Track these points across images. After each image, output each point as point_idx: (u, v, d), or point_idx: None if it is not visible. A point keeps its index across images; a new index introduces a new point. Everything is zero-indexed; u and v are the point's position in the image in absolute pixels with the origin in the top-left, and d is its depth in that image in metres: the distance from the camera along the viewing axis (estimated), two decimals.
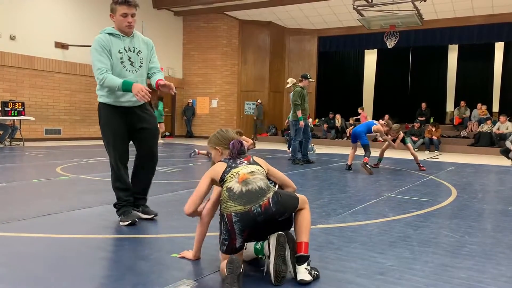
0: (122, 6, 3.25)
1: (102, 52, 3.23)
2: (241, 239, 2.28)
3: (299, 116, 8.38)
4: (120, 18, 3.27)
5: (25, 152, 9.57)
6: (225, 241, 2.29)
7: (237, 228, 2.23)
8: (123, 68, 3.31)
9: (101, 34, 3.31)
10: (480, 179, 6.94)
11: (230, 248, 2.27)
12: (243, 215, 2.22)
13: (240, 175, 2.34)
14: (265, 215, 2.23)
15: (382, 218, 3.78)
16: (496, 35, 15.92)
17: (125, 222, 3.34)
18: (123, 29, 3.31)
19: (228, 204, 2.27)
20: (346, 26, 17.88)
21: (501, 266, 2.58)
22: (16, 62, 12.48)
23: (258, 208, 2.22)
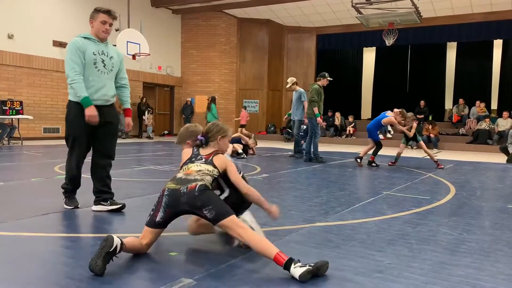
0: (104, 14, 3.65)
1: (76, 54, 3.52)
2: (163, 215, 2.54)
3: (316, 112, 8.50)
4: (99, 25, 3.64)
5: (23, 151, 9.56)
6: (151, 211, 2.60)
7: (164, 202, 2.54)
8: (95, 69, 3.61)
9: (77, 37, 3.62)
10: (479, 177, 6.95)
11: (152, 221, 2.56)
12: (172, 191, 2.54)
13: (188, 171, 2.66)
14: (188, 197, 2.49)
15: (380, 216, 3.78)
16: (494, 33, 15.93)
17: (69, 206, 3.76)
18: (100, 34, 3.67)
19: (168, 182, 2.63)
20: (345, 24, 17.87)
21: (499, 263, 2.59)
22: (14, 61, 12.46)
23: (184, 189, 2.52)
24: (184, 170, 2.70)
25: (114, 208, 3.76)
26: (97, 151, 3.84)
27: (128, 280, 2.21)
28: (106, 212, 3.76)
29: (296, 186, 5.45)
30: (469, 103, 16.02)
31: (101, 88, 3.66)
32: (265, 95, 18.75)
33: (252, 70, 18.67)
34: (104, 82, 3.67)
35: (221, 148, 2.88)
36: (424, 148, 8.04)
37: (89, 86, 3.60)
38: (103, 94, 3.67)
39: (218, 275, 2.28)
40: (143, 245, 2.56)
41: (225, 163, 2.77)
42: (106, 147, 3.85)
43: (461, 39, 16.86)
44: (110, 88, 3.76)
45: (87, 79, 3.59)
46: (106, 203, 3.79)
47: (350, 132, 16.66)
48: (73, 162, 3.75)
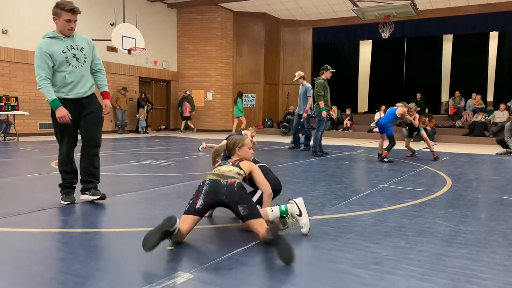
0: (67, 13, 3.59)
1: (42, 59, 3.59)
2: (202, 202, 2.74)
3: (321, 106, 8.58)
4: (63, 23, 3.62)
5: (19, 147, 9.53)
6: (191, 200, 2.80)
7: (204, 190, 2.77)
8: (68, 66, 3.66)
9: (43, 40, 3.68)
10: (475, 169, 6.98)
11: (192, 207, 2.75)
12: (214, 181, 2.80)
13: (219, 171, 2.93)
14: (228, 190, 2.74)
15: (377, 209, 3.79)
16: (490, 25, 15.93)
17: (66, 202, 3.76)
18: (65, 32, 3.67)
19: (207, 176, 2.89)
20: (341, 17, 17.82)
21: (495, 254, 2.60)
22: (9, 56, 12.38)
23: (225, 182, 2.77)
24: (215, 171, 2.95)
25: (95, 198, 3.82)
26: (83, 140, 3.87)
27: (125, 274, 2.22)
28: (103, 206, 3.76)
29: (293, 179, 5.46)
30: (465, 95, 16.06)
31: (78, 82, 3.72)
32: (261, 89, 18.72)
33: (249, 64, 18.62)
34: (80, 75, 3.72)
35: (243, 156, 3.18)
36: (425, 137, 8.17)
37: (67, 83, 3.66)
38: (81, 87, 3.74)
39: (215, 268, 2.29)
40: (183, 231, 2.68)
41: (251, 167, 3.07)
42: (91, 135, 3.85)
43: (457, 32, 16.84)
44: (87, 80, 3.81)
45: (63, 77, 3.64)
46: (89, 193, 3.85)
47: (347, 125, 16.68)
48: (64, 153, 3.81)
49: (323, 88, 8.62)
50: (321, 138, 8.81)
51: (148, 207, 3.82)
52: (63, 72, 3.64)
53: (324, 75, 8.80)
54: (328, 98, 8.78)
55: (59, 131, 3.78)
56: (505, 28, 16.06)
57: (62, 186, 3.89)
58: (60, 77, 3.64)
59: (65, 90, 3.67)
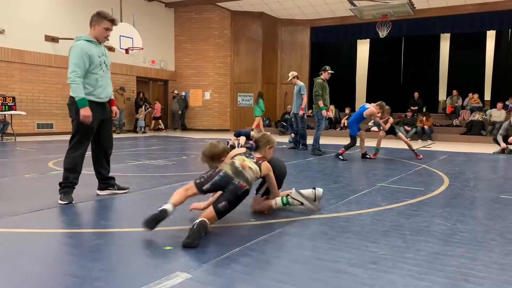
0: (108, 22, 3.96)
1: (81, 58, 3.76)
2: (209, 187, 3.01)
3: (321, 106, 8.66)
4: (102, 30, 3.95)
5: (17, 147, 9.50)
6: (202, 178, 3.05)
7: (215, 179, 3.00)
8: (100, 70, 3.93)
9: (83, 41, 3.85)
10: (472, 167, 6.99)
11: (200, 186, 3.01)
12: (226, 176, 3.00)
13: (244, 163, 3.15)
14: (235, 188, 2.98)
15: (375, 208, 3.80)
16: (487, 24, 15.95)
17: (64, 202, 3.80)
18: (101, 39, 3.97)
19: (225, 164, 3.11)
20: (339, 16, 17.82)
21: (492, 253, 2.61)
22: (6, 56, 12.34)
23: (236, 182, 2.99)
24: (240, 160, 3.16)
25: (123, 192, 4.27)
26: (103, 142, 4.16)
27: (123, 274, 2.21)
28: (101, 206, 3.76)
29: (290, 179, 5.45)
30: (463, 94, 16.08)
31: (106, 86, 4.02)
32: (259, 88, 18.65)
33: (246, 64, 18.61)
34: (107, 80, 4.04)
35: (266, 156, 3.44)
36: (403, 139, 8.06)
37: (98, 86, 3.92)
38: (108, 91, 4.06)
39: (213, 268, 2.29)
40: (186, 196, 3.00)
41: (268, 171, 3.37)
42: (111, 138, 4.24)
43: (454, 31, 16.85)
44: (110, 85, 4.14)
45: (95, 80, 3.89)
46: (114, 188, 4.25)
47: (345, 124, 16.68)
48: (78, 155, 3.99)
49: (321, 88, 8.69)
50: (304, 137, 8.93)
51: (146, 207, 3.81)
52: (96, 75, 3.89)
53: (323, 75, 8.90)
54: (326, 98, 8.81)
55: (83, 132, 3.91)
56: (502, 27, 16.09)
57: (63, 186, 3.92)
58: (93, 79, 3.87)
59: (96, 93, 3.91)
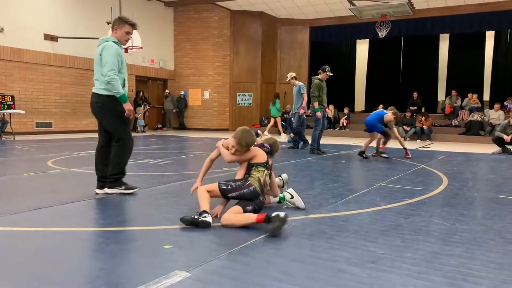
0: (129, 26, 4.21)
1: (115, 57, 4.04)
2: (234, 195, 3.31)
3: (315, 107, 8.66)
4: (123, 34, 4.20)
5: (15, 145, 9.49)
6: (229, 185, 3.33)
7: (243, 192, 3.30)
8: (125, 70, 4.21)
9: (113, 42, 4.11)
10: (471, 168, 7.00)
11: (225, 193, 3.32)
12: (255, 193, 3.34)
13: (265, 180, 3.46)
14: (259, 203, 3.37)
15: (373, 207, 3.80)
16: (487, 24, 15.96)
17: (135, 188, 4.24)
18: (122, 42, 4.23)
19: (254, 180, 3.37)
20: (338, 16, 17.82)
21: (490, 252, 2.62)
22: (5, 55, 12.32)
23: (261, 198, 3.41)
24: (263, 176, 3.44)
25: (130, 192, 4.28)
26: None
27: (123, 272, 2.22)
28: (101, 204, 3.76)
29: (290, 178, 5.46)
30: (462, 94, 16.09)
31: (126, 84, 4.26)
32: (258, 88, 18.71)
33: (246, 63, 18.61)
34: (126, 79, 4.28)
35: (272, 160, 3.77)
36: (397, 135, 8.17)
37: (123, 85, 4.17)
38: (127, 89, 4.28)
39: (213, 267, 2.29)
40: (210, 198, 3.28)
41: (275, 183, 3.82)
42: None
43: (453, 31, 16.87)
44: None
45: (123, 80, 4.18)
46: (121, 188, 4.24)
47: (344, 124, 16.70)
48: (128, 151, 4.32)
49: (317, 89, 8.69)
50: (320, 137, 8.88)
51: (145, 206, 3.82)
52: (123, 75, 4.16)
53: (321, 75, 8.88)
54: (323, 98, 8.81)
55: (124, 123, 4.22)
56: (501, 28, 16.11)
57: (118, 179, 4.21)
58: (121, 79, 4.13)
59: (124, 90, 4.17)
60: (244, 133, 3.46)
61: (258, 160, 3.49)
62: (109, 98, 4.08)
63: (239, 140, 3.42)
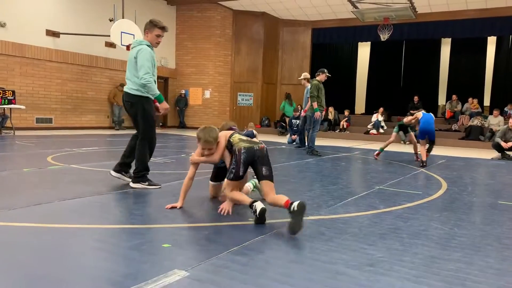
0: (159, 29, 4.40)
1: (150, 59, 4.28)
2: (243, 169, 3.34)
3: (314, 107, 8.70)
4: (154, 37, 4.42)
5: (15, 141, 9.49)
6: (233, 169, 3.35)
7: (243, 159, 3.33)
8: (155, 71, 4.43)
9: (147, 45, 4.36)
10: (470, 173, 7.01)
11: (237, 176, 3.34)
12: (249, 149, 3.36)
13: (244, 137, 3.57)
14: (260, 153, 3.38)
15: (372, 210, 3.80)
16: (489, 29, 15.98)
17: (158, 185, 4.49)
18: (154, 45, 4.46)
19: (240, 144, 3.40)
20: (340, 18, 17.84)
21: (489, 258, 2.62)
22: (6, 50, 12.32)
23: (257, 147, 3.39)
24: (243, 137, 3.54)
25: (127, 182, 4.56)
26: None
27: (120, 271, 2.21)
28: (100, 202, 3.76)
29: (289, 179, 5.47)
30: (462, 99, 16.11)
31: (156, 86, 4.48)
32: (259, 88, 18.71)
33: (247, 63, 18.61)
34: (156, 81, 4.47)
35: None
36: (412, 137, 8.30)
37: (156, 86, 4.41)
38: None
39: (211, 267, 2.29)
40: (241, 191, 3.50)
41: None
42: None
43: (455, 35, 16.89)
44: None
45: (155, 82, 4.39)
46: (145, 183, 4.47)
47: (344, 126, 16.71)
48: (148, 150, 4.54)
49: (316, 90, 8.75)
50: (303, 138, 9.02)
51: (144, 204, 3.82)
52: (154, 77, 4.36)
53: (319, 77, 8.95)
54: (322, 100, 8.83)
55: (149, 124, 4.46)
56: (503, 33, 16.13)
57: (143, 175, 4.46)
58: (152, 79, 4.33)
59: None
60: (204, 131, 3.52)
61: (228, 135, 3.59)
62: (137, 98, 4.36)
63: (205, 139, 3.48)
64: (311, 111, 8.89)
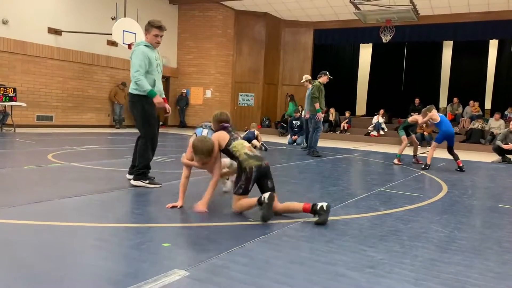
0: (156, 29, 4.49)
1: (143, 60, 4.36)
2: (252, 185, 3.48)
3: (317, 108, 8.70)
4: (152, 37, 4.51)
5: (16, 138, 9.49)
6: (242, 185, 3.46)
7: (254, 177, 3.46)
8: (156, 71, 4.55)
9: (143, 46, 4.46)
10: (471, 176, 7.00)
11: (244, 191, 3.46)
12: (259, 168, 3.48)
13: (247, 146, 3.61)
14: (267, 169, 3.57)
15: (373, 212, 3.80)
16: (490, 33, 15.97)
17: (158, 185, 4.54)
18: (154, 44, 4.57)
19: (250, 161, 3.47)
20: (342, 19, 17.83)
21: (489, 261, 2.62)
22: (8, 47, 12.31)
23: (263, 163, 3.54)
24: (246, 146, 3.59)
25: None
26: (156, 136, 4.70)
27: (120, 270, 2.21)
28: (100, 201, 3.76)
29: (289, 180, 5.47)
30: (463, 102, 16.10)
31: (158, 85, 4.60)
32: (260, 88, 18.70)
33: (248, 63, 18.60)
34: (159, 80, 4.63)
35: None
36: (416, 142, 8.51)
37: (153, 84, 4.49)
38: (160, 89, 4.61)
39: (211, 267, 2.29)
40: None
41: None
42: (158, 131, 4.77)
43: (457, 38, 16.88)
44: (161, 84, 4.69)
45: (153, 80, 4.50)
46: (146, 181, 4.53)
47: (344, 127, 16.70)
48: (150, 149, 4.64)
49: (318, 91, 8.74)
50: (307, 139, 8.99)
51: (144, 203, 3.82)
52: (153, 76, 4.49)
53: (321, 79, 8.94)
54: (322, 101, 8.85)
55: (148, 123, 4.55)
56: (505, 37, 16.11)
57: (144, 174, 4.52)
58: (151, 79, 4.47)
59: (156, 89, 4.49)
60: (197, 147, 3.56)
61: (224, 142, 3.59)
62: (137, 97, 4.45)
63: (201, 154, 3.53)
64: (313, 112, 8.89)
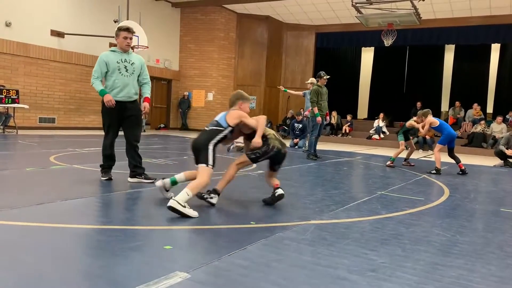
0: (123, 32, 4.70)
1: (99, 64, 4.64)
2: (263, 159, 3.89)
3: (315, 112, 8.70)
4: (122, 40, 4.72)
5: (18, 140, 9.51)
6: (258, 154, 3.84)
7: (271, 155, 3.87)
8: (119, 74, 4.68)
9: (105, 52, 4.72)
10: (473, 179, 6.99)
11: (254, 160, 3.89)
12: (279, 151, 3.89)
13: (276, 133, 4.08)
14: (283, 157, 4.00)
15: (374, 216, 3.80)
16: (492, 37, 15.98)
17: (104, 178, 4.79)
18: (123, 47, 4.76)
19: (275, 142, 3.89)
20: (344, 23, 17.85)
21: (491, 265, 2.61)
22: (11, 49, 12.36)
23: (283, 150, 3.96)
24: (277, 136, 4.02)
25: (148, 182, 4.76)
26: (126, 137, 4.84)
27: (122, 272, 2.21)
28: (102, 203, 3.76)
29: (291, 183, 5.47)
30: (465, 106, 16.09)
31: (124, 87, 4.69)
32: (262, 91, 18.73)
33: (250, 66, 18.63)
34: (127, 83, 4.70)
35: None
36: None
37: (116, 87, 4.66)
38: (127, 92, 4.71)
39: (213, 269, 2.29)
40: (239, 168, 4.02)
41: None
42: (132, 134, 4.84)
43: (459, 42, 16.90)
44: (132, 87, 4.77)
45: (114, 81, 4.66)
46: (141, 177, 4.81)
47: (346, 131, 16.70)
48: (107, 142, 4.82)
49: (316, 95, 8.74)
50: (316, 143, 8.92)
51: (145, 206, 3.82)
52: (113, 77, 4.65)
53: (319, 82, 8.93)
54: (322, 104, 8.84)
55: (107, 124, 4.78)
56: (507, 41, 16.11)
57: (102, 167, 4.90)
58: (111, 81, 4.65)
59: (114, 92, 4.65)
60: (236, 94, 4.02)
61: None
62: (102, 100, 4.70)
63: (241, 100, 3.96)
64: (311, 116, 8.89)
